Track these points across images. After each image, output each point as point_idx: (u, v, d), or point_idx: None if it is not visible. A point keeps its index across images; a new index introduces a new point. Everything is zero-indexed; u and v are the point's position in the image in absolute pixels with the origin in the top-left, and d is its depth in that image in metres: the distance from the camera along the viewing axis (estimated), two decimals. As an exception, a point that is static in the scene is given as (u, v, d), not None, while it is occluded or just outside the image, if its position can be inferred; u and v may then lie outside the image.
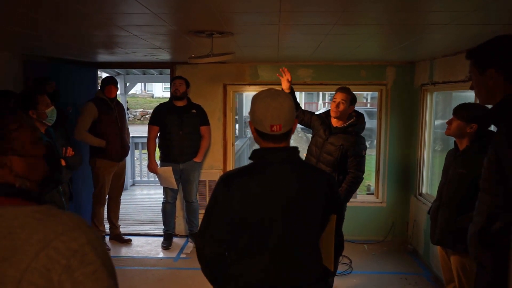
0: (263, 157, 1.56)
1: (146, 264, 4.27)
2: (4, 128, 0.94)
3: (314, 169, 1.66)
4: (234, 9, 2.08)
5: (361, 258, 4.45)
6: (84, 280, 0.80)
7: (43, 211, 0.87)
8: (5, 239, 0.81)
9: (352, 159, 3.15)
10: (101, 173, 4.36)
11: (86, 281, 0.80)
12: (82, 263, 0.81)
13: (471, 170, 2.45)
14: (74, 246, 0.82)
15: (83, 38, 3.04)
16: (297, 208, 1.52)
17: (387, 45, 3.50)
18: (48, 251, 0.79)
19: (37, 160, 0.99)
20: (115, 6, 1.96)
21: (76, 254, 0.81)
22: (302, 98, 21.63)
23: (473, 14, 2.10)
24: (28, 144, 0.97)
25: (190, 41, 3.04)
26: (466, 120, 2.49)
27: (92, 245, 0.84)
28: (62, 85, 4.33)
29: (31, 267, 0.78)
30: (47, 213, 0.86)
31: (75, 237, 0.83)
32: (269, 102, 1.50)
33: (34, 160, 0.98)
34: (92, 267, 0.82)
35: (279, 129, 1.50)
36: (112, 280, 0.85)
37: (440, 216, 2.61)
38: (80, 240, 0.83)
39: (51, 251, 0.80)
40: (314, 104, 25.23)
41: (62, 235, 0.82)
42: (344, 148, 3.14)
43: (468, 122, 2.48)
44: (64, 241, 0.81)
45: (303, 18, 2.25)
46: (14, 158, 0.94)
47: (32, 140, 0.99)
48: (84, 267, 0.81)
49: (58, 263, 0.79)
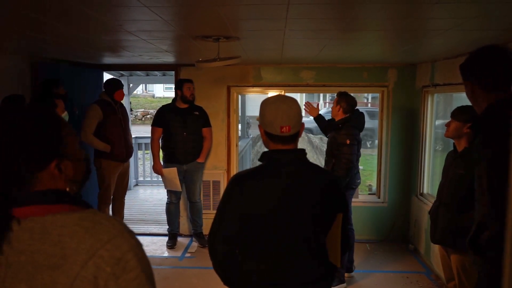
0: (273, 158, 1.63)
1: (151, 263, 4.28)
2: (60, 133, 0.95)
3: (320, 170, 1.73)
4: (242, 16, 2.15)
5: (363, 257, 4.52)
6: (127, 285, 0.85)
7: (89, 217, 0.90)
8: (56, 247, 0.85)
9: (340, 148, 3.62)
10: (106, 173, 4.43)
11: (129, 286, 0.85)
12: (124, 270, 0.86)
13: (470, 171, 2.52)
14: (118, 254, 0.86)
15: (91, 42, 3.10)
16: (305, 207, 1.60)
17: (390, 49, 3.58)
18: (95, 260, 0.84)
19: (81, 163, 1.02)
20: (128, 13, 2.03)
21: (120, 262, 0.86)
22: (303, 98, 21.67)
23: (474, 20, 2.17)
24: (77, 148, 1.00)
25: (197, 45, 3.11)
26: (463, 121, 2.57)
27: (133, 251, 0.88)
28: (69, 87, 4.39)
29: (80, 276, 0.83)
30: (93, 220, 0.90)
31: (118, 244, 0.87)
32: (279, 105, 1.59)
33: (79, 163, 1.01)
34: (134, 273, 0.86)
35: (288, 130, 1.58)
36: (151, 285, 0.90)
37: (440, 216, 2.69)
38: (123, 247, 0.87)
39: (98, 260, 0.85)
40: (315, 103, 25.20)
41: (107, 243, 0.86)
42: (334, 139, 3.68)
43: (465, 123, 2.56)
44: (108, 249, 0.86)
45: (308, 24, 2.32)
46: (67, 163, 0.96)
47: (78, 143, 1.02)
48: (127, 273, 0.86)
49: (104, 271, 0.84)
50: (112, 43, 3.12)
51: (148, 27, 2.41)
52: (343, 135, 3.60)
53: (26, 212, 0.88)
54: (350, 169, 3.59)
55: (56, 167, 0.93)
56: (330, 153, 3.73)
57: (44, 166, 0.92)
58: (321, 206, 1.63)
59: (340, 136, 3.61)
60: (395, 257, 4.53)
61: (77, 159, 0.99)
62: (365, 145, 14.36)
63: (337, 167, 3.57)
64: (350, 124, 3.66)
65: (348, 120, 3.68)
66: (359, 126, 3.75)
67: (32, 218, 0.87)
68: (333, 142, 3.67)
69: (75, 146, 1.00)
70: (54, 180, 0.94)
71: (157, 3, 1.84)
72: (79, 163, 1.01)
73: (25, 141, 0.90)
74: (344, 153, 3.56)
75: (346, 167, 3.56)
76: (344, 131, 3.62)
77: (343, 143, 3.58)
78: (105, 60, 4.72)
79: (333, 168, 3.64)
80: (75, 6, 1.87)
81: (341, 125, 3.65)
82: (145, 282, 0.88)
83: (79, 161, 1.00)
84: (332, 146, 3.67)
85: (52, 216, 0.88)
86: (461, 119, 2.57)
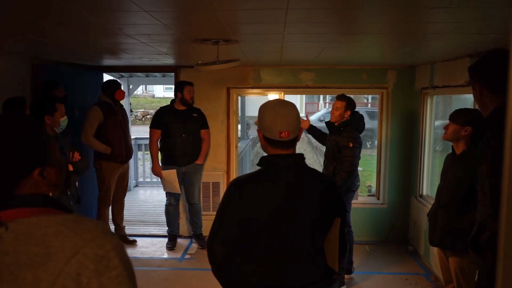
0: (272, 163, 1.64)
1: (151, 264, 4.35)
2: (43, 142, 0.99)
3: (318, 174, 1.75)
4: (241, 20, 2.16)
5: (362, 259, 4.53)
6: (109, 283, 0.87)
7: (73, 219, 0.93)
8: (40, 246, 0.87)
9: (342, 151, 3.61)
10: (106, 175, 4.44)
11: (111, 284, 0.88)
12: (107, 268, 0.88)
13: (468, 173, 2.54)
14: (101, 252, 0.89)
15: (91, 45, 3.12)
16: (303, 212, 1.62)
17: (389, 51, 3.59)
18: (78, 257, 0.86)
19: (62, 168, 1.06)
20: (128, 18, 2.04)
21: (103, 260, 0.88)
22: (303, 98, 21.68)
23: (473, 24, 2.18)
24: (58, 154, 1.04)
25: (196, 47, 3.12)
26: (460, 124, 2.58)
27: (116, 251, 0.91)
28: (69, 89, 4.40)
29: (63, 272, 0.85)
30: (77, 221, 0.93)
31: (101, 243, 0.90)
32: (278, 110, 1.60)
33: (61, 169, 1.05)
34: (116, 272, 0.89)
35: (287, 136, 1.59)
36: (132, 284, 0.92)
37: (438, 218, 2.70)
38: (106, 246, 0.90)
39: (81, 257, 0.87)
40: (315, 104, 25.28)
41: (90, 242, 0.89)
42: (336, 142, 3.65)
43: (463, 125, 2.57)
44: (92, 247, 0.88)
45: (306, 28, 2.33)
46: (50, 170, 1.00)
47: (58, 149, 1.07)
48: (109, 271, 0.88)
49: (87, 268, 0.86)
50: (112, 46, 3.13)
51: (147, 31, 2.43)
52: (346, 138, 3.59)
53: (12, 215, 0.90)
54: (352, 172, 3.59)
55: (40, 174, 0.96)
56: (331, 156, 3.71)
57: (28, 174, 0.95)
58: (319, 211, 1.64)
59: (343, 139, 3.60)
60: (394, 259, 4.54)
61: (59, 165, 1.03)
62: (365, 145, 14.35)
63: (339, 170, 3.57)
64: (352, 127, 3.65)
65: (350, 122, 3.67)
66: (360, 129, 3.75)
67: (18, 220, 0.89)
68: (334, 145, 3.66)
69: (56, 152, 1.03)
70: (37, 186, 0.97)
71: (156, 8, 1.85)
72: (61, 169, 1.04)
73: (9, 151, 0.93)
74: (347, 156, 3.56)
75: (349, 170, 3.56)
76: (346, 133, 3.61)
77: (345, 146, 3.57)
78: (105, 62, 4.73)
79: (334, 171, 3.64)
80: (75, 11, 1.88)
81: (342, 128, 3.64)
82: (127, 281, 0.90)
83: (61, 167, 1.04)
84: (334, 149, 3.66)
85: (37, 218, 0.91)
86: (459, 122, 2.58)
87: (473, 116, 2.58)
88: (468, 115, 2.58)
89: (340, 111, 3.65)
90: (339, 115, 3.66)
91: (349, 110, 3.67)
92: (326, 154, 3.85)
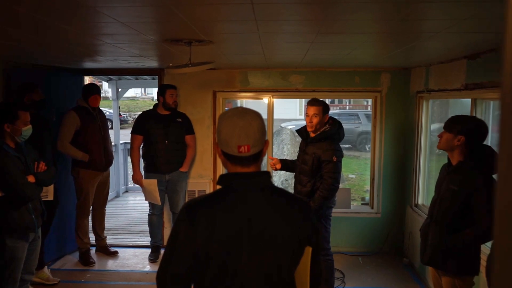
0: (230, 183, 1.40)
1: (131, 279, 4.11)
2: None
3: (287, 196, 1.50)
4: (205, 18, 1.93)
5: (354, 271, 4.29)
6: None
7: None
8: None
9: (324, 165, 3.21)
10: (84, 183, 4.22)
11: None
12: None
13: (463, 187, 2.30)
14: None
15: (56, 46, 2.89)
16: (267, 241, 1.37)
17: (380, 53, 3.35)
18: None
19: None
20: (76, 15, 1.82)
21: None
22: (302, 102, 21.44)
23: (468, 21, 1.95)
24: None
25: (170, 49, 2.90)
26: (453, 133, 2.34)
27: None
28: (47, 93, 4.18)
29: None
30: None
31: None
32: (236, 120, 1.35)
33: None
34: None
35: (247, 150, 1.35)
36: None
37: (430, 235, 2.46)
38: None
39: None
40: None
41: None
42: (316, 156, 3.23)
43: (456, 135, 2.33)
44: None
45: (281, 27, 2.10)
46: None
47: None
48: None
49: None
50: (77, 46, 2.90)
51: (107, 30, 2.20)
52: (328, 151, 3.19)
53: None
54: (336, 189, 3.23)
55: None
56: (309, 172, 3.27)
57: None
58: (288, 239, 1.39)
59: (324, 152, 3.20)
60: (388, 272, 4.29)
61: None
62: (364, 149, 14.15)
63: (322, 188, 3.19)
64: (333, 138, 3.28)
65: (330, 134, 3.27)
66: (341, 138, 3.37)
67: None
68: (314, 159, 3.23)
69: None
70: None
71: (102, 3, 1.62)
72: None
73: None
74: (330, 172, 3.18)
75: (333, 188, 3.19)
76: (327, 146, 3.22)
77: (328, 160, 3.18)
78: (86, 65, 4.51)
79: (312, 189, 3.27)
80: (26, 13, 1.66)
81: (323, 140, 3.26)
82: None
83: None
84: (313, 164, 3.24)
85: None
86: (453, 130, 2.34)
87: (467, 124, 2.34)
88: (461, 123, 2.34)
89: (318, 117, 3.22)
90: (318, 122, 3.23)
91: (327, 114, 3.30)
92: (302, 169, 3.35)
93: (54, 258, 4.46)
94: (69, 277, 4.09)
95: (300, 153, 3.49)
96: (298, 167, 3.44)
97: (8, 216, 2.65)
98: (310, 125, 3.27)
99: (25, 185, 2.65)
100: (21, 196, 2.64)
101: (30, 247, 2.84)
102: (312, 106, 3.28)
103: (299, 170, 3.42)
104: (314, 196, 3.25)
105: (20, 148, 2.76)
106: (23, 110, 2.73)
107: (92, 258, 4.42)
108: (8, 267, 2.68)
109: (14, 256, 2.69)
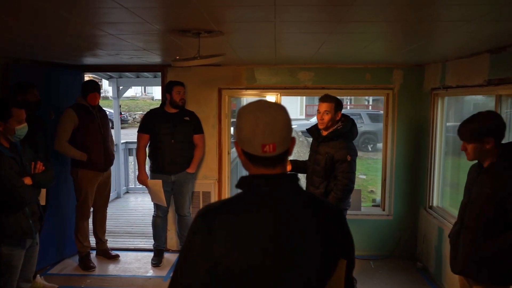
0: (254, 186, 1.22)
1: (133, 284, 3.93)
2: None
3: (317, 201, 1.32)
4: (220, 3, 1.75)
5: (366, 276, 4.10)
6: None
7: None
8: None
9: (337, 165, 3.09)
10: (83, 184, 4.03)
11: None
12: None
13: (497, 189, 2.11)
14: None
15: (56, 38, 2.71)
16: (296, 252, 1.18)
17: (395, 47, 3.17)
18: None
19: None
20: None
21: None
22: (303, 100, 21.30)
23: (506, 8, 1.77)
24: None
25: (177, 41, 2.71)
26: (478, 141, 2.13)
27: None
28: (46, 90, 4.00)
29: None
30: None
31: None
32: (259, 115, 1.17)
33: None
34: None
35: (273, 150, 1.16)
36: None
37: (461, 242, 2.27)
38: None
39: None
40: (315, 106, 24.86)
41: None
42: (329, 156, 3.11)
43: (482, 141, 2.13)
44: None
45: (302, 13, 1.92)
46: None
47: None
48: None
49: None
50: (79, 39, 2.72)
51: (110, 18, 2.02)
52: (342, 150, 3.07)
53: None
54: (351, 190, 3.08)
55: None
56: (322, 172, 3.15)
57: None
58: (319, 250, 1.21)
59: (338, 151, 3.08)
60: (401, 277, 4.11)
61: None
62: (366, 148, 13.99)
63: (336, 189, 3.07)
64: (347, 136, 3.15)
65: (344, 132, 3.15)
66: (354, 137, 3.24)
67: None
68: (327, 159, 3.11)
69: None
70: None
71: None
72: None
73: None
74: (345, 172, 3.04)
75: (348, 189, 3.06)
76: (341, 144, 3.09)
77: (342, 160, 3.05)
78: (85, 60, 4.33)
79: (325, 190, 3.13)
80: None
81: (336, 138, 3.13)
82: None
83: None
84: (327, 164, 3.11)
85: None
86: (474, 139, 2.14)
87: (488, 124, 2.14)
88: (480, 126, 2.13)
89: (330, 114, 3.11)
90: (330, 119, 3.12)
91: (339, 111, 3.16)
92: (315, 169, 3.23)
93: (53, 262, 4.27)
94: (68, 282, 3.91)
95: (311, 153, 3.35)
96: (310, 168, 3.31)
97: (4, 221, 2.46)
98: (321, 122, 3.16)
99: (21, 187, 2.46)
100: (18, 199, 2.45)
101: (27, 254, 2.65)
102: (324, 102, 3.18)
103: (311, 171, 3.29)
104: (328, 198, 3.09)
105: (15, 147, 2.57)
106: (17, 107, 2.54)
107: (92, 263, 4.24)
108: (3, 275, 2.49)
109: (10, 264, 2.51)
